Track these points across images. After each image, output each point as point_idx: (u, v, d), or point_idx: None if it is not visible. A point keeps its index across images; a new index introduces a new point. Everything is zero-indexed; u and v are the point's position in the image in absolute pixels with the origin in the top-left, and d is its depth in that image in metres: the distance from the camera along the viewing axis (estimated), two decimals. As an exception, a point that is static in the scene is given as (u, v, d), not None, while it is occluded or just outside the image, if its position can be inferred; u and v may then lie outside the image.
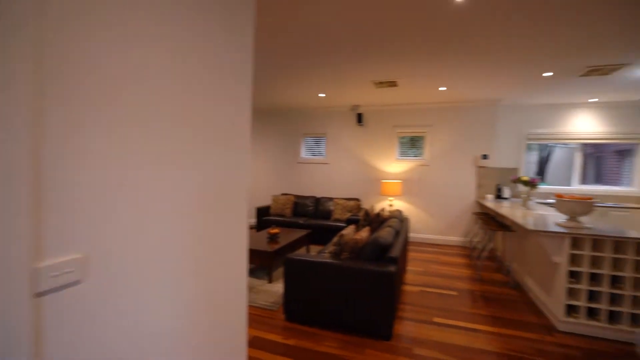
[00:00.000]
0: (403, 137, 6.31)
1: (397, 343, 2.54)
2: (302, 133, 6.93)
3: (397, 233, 3.37)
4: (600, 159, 10.47)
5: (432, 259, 4.92)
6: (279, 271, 4.05)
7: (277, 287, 3.51)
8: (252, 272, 4.02)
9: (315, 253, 3.03)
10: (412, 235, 6.14)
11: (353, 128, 6.50)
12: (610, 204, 5.27)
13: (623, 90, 4.70)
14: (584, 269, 2.61)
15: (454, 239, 5.91)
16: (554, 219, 3.26)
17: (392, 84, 4.70)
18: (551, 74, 4.03)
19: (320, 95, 5.59)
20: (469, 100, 5.65)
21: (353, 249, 2.75)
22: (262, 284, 3.61)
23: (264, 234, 4.58)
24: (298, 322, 2.82)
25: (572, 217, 2.86)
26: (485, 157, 5.63)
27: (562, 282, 2.68)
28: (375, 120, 6.35)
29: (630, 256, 2.50)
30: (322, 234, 5.54)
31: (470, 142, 5.78)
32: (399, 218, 4.02)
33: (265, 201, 7.14)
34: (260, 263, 3.76)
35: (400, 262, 3.13)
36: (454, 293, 3.57)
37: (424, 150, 6.10)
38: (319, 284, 2.68)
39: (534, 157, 13.17)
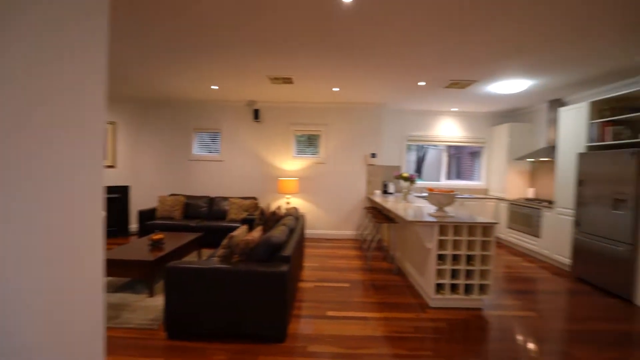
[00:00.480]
0: (303, 136, 6.39)
1: (292, 343, 2.49)
2: (194, 128, 6.35)
3: (291, 231, 3.34)
4: (459, 159, 12.56)
5: (328, 254, 5.10)
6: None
7: (160, 301, 3.08)
8: (130, 287, 3.45)
9: (207, 258, 2.75)
10: (309, 232, 6.28)
11: (249, 124, 6.27)
12: (466, 195, 6.38)
13: (475, 102, 5.74)
14: (448, 251, 3.04)
15: (348, 232, 6.28)
16: (427, 210, 3.72)
17: (288, 80, 4.68)
18: (424, 83, 4.61)
19: (212, 87, 5.19)
20: (360, 102, 6.07)
21: (244, 251, 2.59)
22: (140, 300, 3.11)
23: (145, 240, 3.99)
24: (183, 339, 2.50)
25: (440, 208, 3.31)
26: (373, 155, 6.14)
27: (432, 264, 3.06)
28: (272, 117, 6.26)
29: (479, 237, 3.02)
30: (217, 236, 5.16)
31: (361, 141, 6.22)
32: (295, 216, 4.02)
33: (150, 203, 6.30)
34: (140, 275, 3.25)
35: (296, 260, 3.11)
36: (347, 285, 3.75)
37: (319, 148, 6.30)
38: (206, 293, 2.43)
39: (413, 157, 15.00)
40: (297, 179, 6.07)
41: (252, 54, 3.64)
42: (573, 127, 4.41)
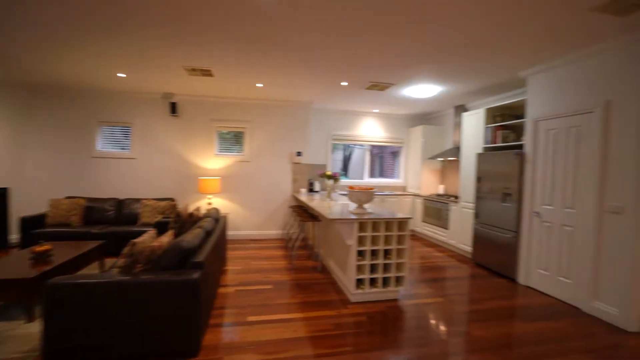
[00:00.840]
0: (229, 133, 6.06)
1: (206, 356, 2.29)
2: (99, 121, 5.56)
3: (208, 234, 3.10)
4: (382, 158, 13.26)
5: (252, 255, 4.92)
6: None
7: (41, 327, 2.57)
8: (3, 312, 2.83)
9: (108, 269, 2.37)
10: (233, 233, 6.00)
11: (166, 119, 5.72)
12: (387, 192, 6.79)
13: (394, 104, 6.12)
14: (367, 247, 3.15)
15: (274, 232, 6.17)
16: (348, 207, 3.82)
17: (207, 72, 4.36)
18: (347, 83, 4.73)
19: (119, 75, 4.58)
20: (285, 100, 5.99)
21: (149, 259, 2.30)
22: (14, 327, 2.57)
23: (25, 253, 3.32)
24: (70, 368, 2.12)
25: (360, 205, 3.42)
26: (299, 154, 6.13)
27: (353, 261, 3.14)
28: (191, 112, 5.81)
29: (395, 232, 3.19)
30: (126, 243, 4.58)
31: (286, 139, 6.15)
32: (214, 217, 3.76)
33: (39, 208, 5.33)
34: (15, 297, 2.68)
35: (212, 265, 2.90)
36: (270, 286, 3.65)
37: (244, 146, 6.05)
38: (101, 311, 2.09)
39: (339, 155, 15.34)
40: (220, 178, 5.74)
41: (164, 41, 3.29)
42: (473, 130, 4.98)
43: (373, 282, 3.29)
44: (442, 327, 2.81)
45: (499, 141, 4.47)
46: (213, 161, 5.91)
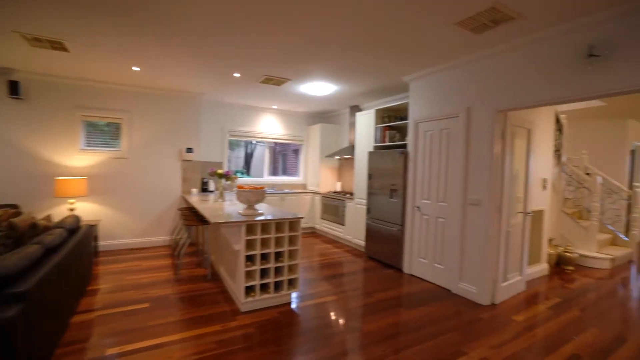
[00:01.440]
0: (106, 125, 5.02)
1: (34, 415, 1.73)
2: None
3: (49, 250, 2.42)
4: (285, 156, 13.13)
5: (129, 268, 4.18)
6: None
7: None
8: None
9: None
10: (107, 244, 5.05)
11: (3, 102, 4.43)
12: (287, 190, 6.68)
13: (292, 101, 6.02)
14: (257, 251, 2.92)
15: (160, 239, 5.43)
16: (239, 208, 3.52)
17: (59, 45, 3.48)
18: (239, 75, 4.39)
19: None
20: (171, 89, 5.29)
21: None
22: None
23: None
24: None
25: (250, 206, 3.16)
26: (189, 150, 5.51)
27: (241, 267, 2.87)
28: (45, 96, 4.63)
29: (286, 233, 3.04)
30: None
31: (174, 134, 5.46)
32: (69, 227, 3.01)
33: None
34: None
35: (61, 289, 2.25)
36: (146, 305, 3.10)
37: (121, 140, 5.14)
38: None
39: (241, 153, 14.70)
40: (86, 178, 4.74)
41: (-28, -9, 2.42)
42: (365, 129, 5.22)
43: (265, 287, 3.08)
44: (335, 327, 2.78)
45: (387, 140, 4.78)
46: (77, 158, 4.83)
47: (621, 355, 2.47)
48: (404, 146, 4.48)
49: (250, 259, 2.96)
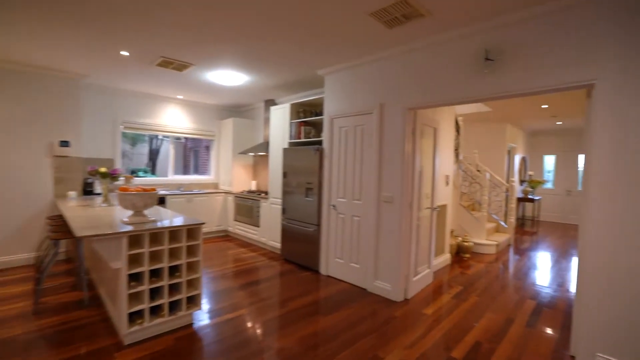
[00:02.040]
0: None
1: None
2: None
3: None
4: (197, 152, 12.07)
5: (-37, 301, 3.11)
6: None
7: None
8: None
9: None
10: None
11: None
12: (196, 191, 5.99)
13: (200, 91, 5.37)
14: (144, 267, 2.38)
15: (21, 257, 4.26)
16: (125, 215, 2.88)
17: None
18: (128, 54, 3.65)
19: None
20: (37, 65, 4.17)
21: None
22: None
23: None
24: None
25: (137, 212, 2.58)
26: (65, 143, 4.45)
27: (123, 289, 2.30)
28: None
29: (184, 243, 2.56)
30: None
31: (43, 123, 4.33)
32: None
33: None
34: None
35: None
36: (-20, 352, 2.27)
37: (-46, 128, 3.85)
38: None
39: (145, 148, 13.04)
40: None
41: None
42: (280, 125, 4.93)
43: (157, 310, 2.55)
44: (243, 348, 2.43)
45: (303, 137, 4.57)
46: None
47: (512, 334, 2.69)
48: (320, 143, 4.33)
49: (136, 277, 2.40)
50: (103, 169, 3.48)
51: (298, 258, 4.42)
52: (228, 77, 4.44)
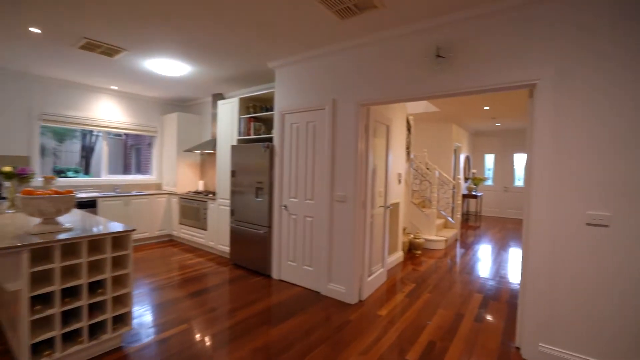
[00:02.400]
0: None
1: None
2: None
3: None
4: (139, 150, 11.07)
5: None
6: None
7: None
8: None
9: None
10: None
11: None
12: (135, 192, 5.41)
13: (137, 81, 4.83)
14: (55, 286, 1.98)
15: None
16: (31, 223, 2.41)
17: None
18: (40, 31, 3.11)
19: None
20: None
21: None
22: None
23: None
24: None
25: (47, 219, 2.16)
26: (-40, 138, 3.71)
27: (24, 315, 1.88)
28: None
29: (108, 254, 2.19)
30: None
31: None
32: None
33: None
34: None
35: None
36: None
37: None
38: None
39: (77, 146, 11.69)
40: None
41: None
42: (228, 120, 4.61)
43: (73, 336, 2.15)
44: (180, 370, 2.14)
45: (253, 133, 4.30)
46: None
47: (463, 330, 2.72)
48: (271, 140, 4.10)
49: (44, 299, 1.99)
50: (7, 168, 2.91)
51: (248, 262, 4.15)
52: (169, 66, 4.02)
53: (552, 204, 2.20)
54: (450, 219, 6.66)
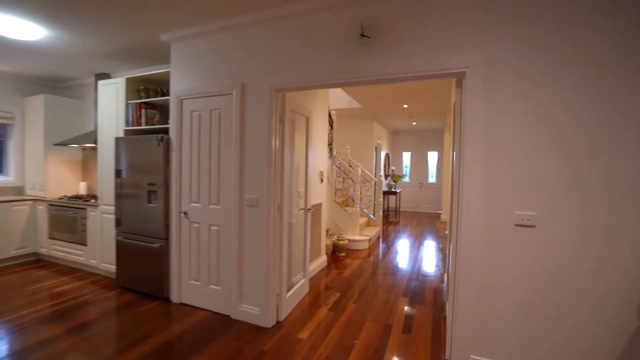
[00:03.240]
0: None
1: None
2: None
3: None
4: (2, 144, 8.77)
5: None
6: None
7: None
8: None
9: None
10: None
11: None
12: (-24, 199, 4.02)
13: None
14: None
15: None
16: None
17: None
18: None
19: None
20: None
21: None
22: None
23: None
24: None
25: None
26: None
27: None
28: None
29: None
30: None
31: None
32: None
33: None
34: None
35: None
36: None
37: None
38: None
39: None
40: None
41: None
42: (113, 106, 3.65)
43: None
44: None
45: (144, 123, 3.46)
46: None
47: (392, 345, 2.45)
48: (167, 131, 3.32)
49: None
50: None
51: (141, 284, 3.31)
52: (10, 25, 2.93)
53: (485, 208, 2.02)
54: (372, 216, 6.62)
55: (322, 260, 4.36)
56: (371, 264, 4.59)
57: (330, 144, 5.26)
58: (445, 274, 3.79)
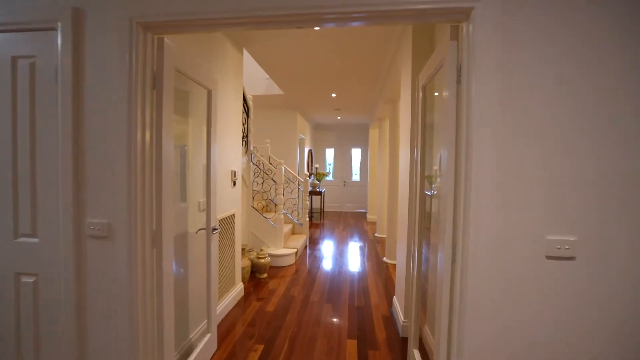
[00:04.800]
0: None
1: None
2: None
3: None
4: None
5: None
6: None
7: None
8: None
9: None
10: None
11: None
12: None
13: None
14: None
15: None
16: None
17: None
18: None
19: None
20: None
21: None
22: None
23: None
24: None
25: None
26: None
27: None
28: None
29: None
30: None
31: None
32: None
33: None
34: None
35: None
36: None
37: None
38: None
39: None
40: None
41: None
42: None
43: None
44: None
45: None
46: None
47: None
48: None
49: None
50: None
51: None
52: None
53: (500, 224, 1.25)
54: (297, 222, 5.72)
55: (238, 290, 3.25)
56: (301, 285, 3.67)
57: (245, 136, 4.15)
58: (395, 297, 3.09)
